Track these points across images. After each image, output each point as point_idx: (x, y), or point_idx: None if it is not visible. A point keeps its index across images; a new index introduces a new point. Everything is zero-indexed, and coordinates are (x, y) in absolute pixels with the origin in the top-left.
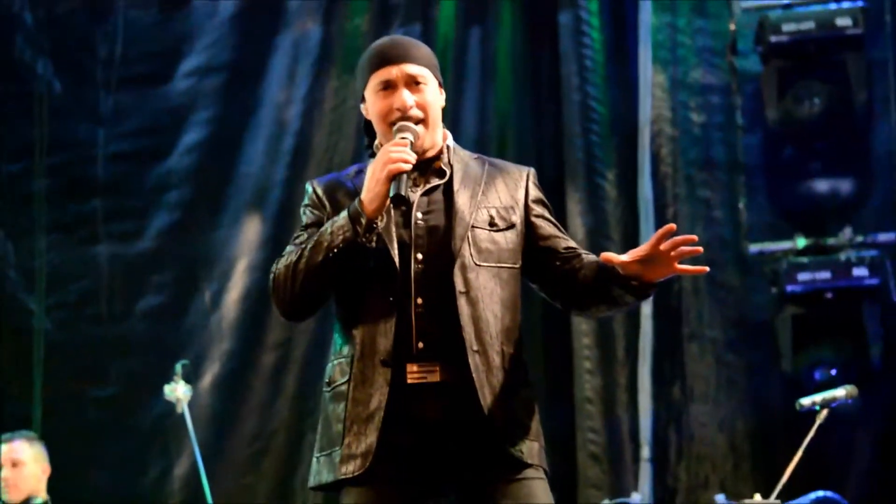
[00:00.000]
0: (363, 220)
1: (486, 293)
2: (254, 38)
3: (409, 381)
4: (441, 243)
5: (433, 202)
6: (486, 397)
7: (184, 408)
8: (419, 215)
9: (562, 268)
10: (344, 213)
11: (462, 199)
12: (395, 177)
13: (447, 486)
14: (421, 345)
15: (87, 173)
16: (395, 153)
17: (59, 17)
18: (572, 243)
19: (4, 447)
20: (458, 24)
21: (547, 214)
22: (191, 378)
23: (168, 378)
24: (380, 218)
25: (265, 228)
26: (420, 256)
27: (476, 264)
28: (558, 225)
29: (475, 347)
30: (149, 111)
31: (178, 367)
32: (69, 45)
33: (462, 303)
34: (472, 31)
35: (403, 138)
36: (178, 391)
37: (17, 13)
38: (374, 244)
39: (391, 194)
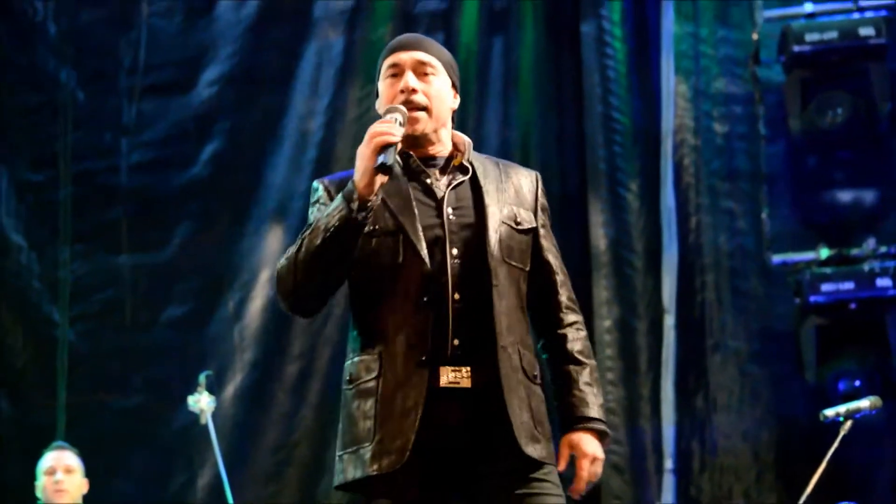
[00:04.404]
0: (356, 197)
1: (507, 290)
2: (277, 47)
3: (441, 384)
4: (475, 238)
5: (461, 198)
6: (511, 400)
7: (207, 418)
8: (450, 210)
9: (537, 294)
10: (338, 196)
11: (490, 195)
12: (381, 150)
13: (465, 488)
14: (456, 342)
15: (111, 183)
16: (380, 127)
17: (83, 27)
18: (554, 264)
19: (55, 453)
20: (481, 33)
21: (548, 225)
22: (214, 388)
23: (192, 388)
24: (373, 195)
25: (288, 238)
26: (455, 252)
27: (503, 259)
28: (553, 238)
29: (502, 343)
30: (172, 120)
31: (202, 378)
32: (92, 55)
33: (496, 295)
34: (495, 41)
35: (392, 117)
36: (201, 402)
37: (40, 23)
38: (368, 221)
39: (376, 165)
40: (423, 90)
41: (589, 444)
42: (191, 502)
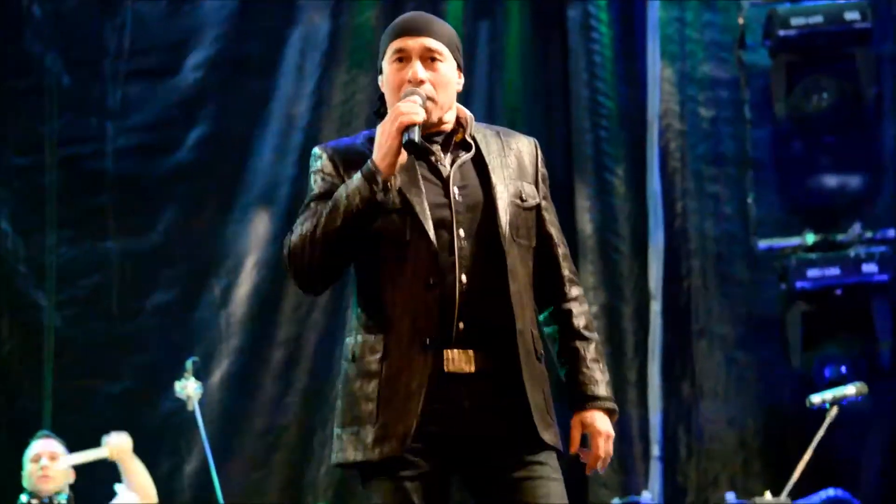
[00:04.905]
0: (379, 179)
1: (518, 271)
2: (262, 31)
3: (446, 369)
4: (484, 218)
5: (466, 177)
6: (528, 384)
7: (194, 404)
8: (456, 190)
9: (540, 267)
10: (357, 175)
11: (496, 173)
12: (406, 129)
13: (465, 474)
14: (462, 325)
15: (97, 167)
16: (405, 107)
17: (68, 11)
18: (556, 237)
19: (41, 441)
20: (467, 19)
21: (548, 195)
22: (201, 374)
23: (178, 374)
24: (394, 176)
25: (274, 224)
26: (462, 233)
27: (513, 239)
28: (553, 208)
29: (519, 326)
30: (158, 104)
31: (189, 364)
32: (78, 39)
33: (510, 279)
34: (481, 27)
35: (413, 99)
36: (188, 388)
37: (26, 7)
38: (389, 202)
39: (404, 141)
40: (430, 79)
41: (602, 423)
42: (178, 488)
